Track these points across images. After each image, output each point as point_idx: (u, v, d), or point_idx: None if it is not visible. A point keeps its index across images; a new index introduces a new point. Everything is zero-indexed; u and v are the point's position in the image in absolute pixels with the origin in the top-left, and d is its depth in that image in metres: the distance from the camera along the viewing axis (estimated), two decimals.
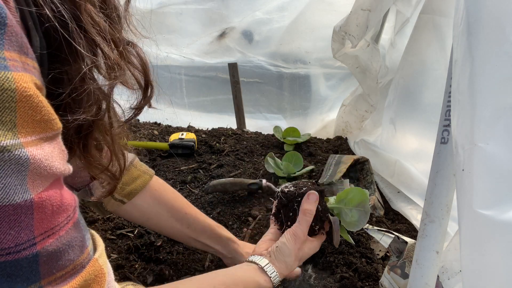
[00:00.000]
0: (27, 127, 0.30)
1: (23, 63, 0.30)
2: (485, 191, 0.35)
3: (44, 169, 0.31)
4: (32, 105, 0.30)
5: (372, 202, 1.01)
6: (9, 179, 0.29)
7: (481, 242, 0.36)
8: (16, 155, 0.29)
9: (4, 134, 0.28)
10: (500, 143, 0.34)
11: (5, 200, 0.29)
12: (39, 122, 0.31)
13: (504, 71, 0.34)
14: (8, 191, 0.29)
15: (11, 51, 0.29)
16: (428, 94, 1.02)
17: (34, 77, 0.31)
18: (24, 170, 0.30)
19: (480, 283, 0.37)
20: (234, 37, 1.56)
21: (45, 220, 0.32)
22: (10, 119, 0.28)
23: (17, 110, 0.29)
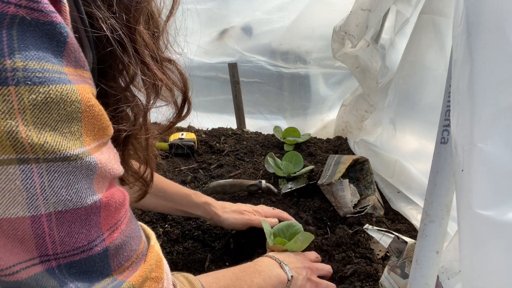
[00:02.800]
0: (90, 135, 0.32)
1: (81, 76, 0.32)
2: (484, 191, 0.35)
3: (108, 171, 0.34)
4: (94, 114, 0.32)
5: (372, 202, 1.01)
6: (80, 183, 0.31)
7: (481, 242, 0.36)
8: (87, 161, 0.31)
9: (74, 144, 0.30)
10: (500, 143, 0.34)
11: (79, 203, 0.32)
12: (99, 129, 0.33)
13: (504, 71, 0.34)
14: (81, 195, 0.32)
15: (70, 66, 0.31)
16: (428, 94, 1.02)
17: (91, 87, 0.33)
18: (92, 174, 0.32)
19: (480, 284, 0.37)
20: (234, 37, 1.56)
21: (110, 216, 0.35)
22: (77, 129, 0.31)
23: (82, 119, 0.31)
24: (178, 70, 0.48)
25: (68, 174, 0.30)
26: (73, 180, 0.31)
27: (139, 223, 0.44)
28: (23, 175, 0.28)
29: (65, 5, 0.30)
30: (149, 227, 1.02)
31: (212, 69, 1.63)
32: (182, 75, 0.48)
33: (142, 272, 0.39)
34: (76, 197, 0.31)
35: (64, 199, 0.30)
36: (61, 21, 0.29)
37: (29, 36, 0.27)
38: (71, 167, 0.30)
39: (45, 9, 0.28)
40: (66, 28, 0.29)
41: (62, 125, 0.30)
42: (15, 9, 0.26)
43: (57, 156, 0.29)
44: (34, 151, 0.28)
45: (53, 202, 0.30)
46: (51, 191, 0.30)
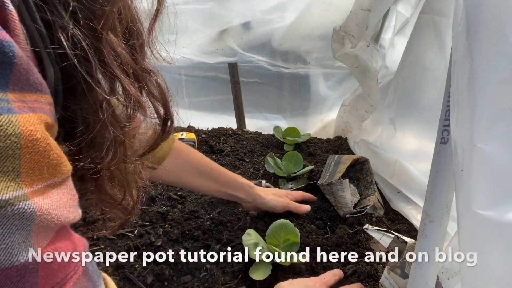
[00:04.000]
0: (32, 175, 0.26)
1: (33, 101, 0.27)
2: (484, 191, 0.35)
3: (51, 220, 0.28)
4: (39, 149, 0.26)
5: (372, 202, 1.01)
6: (12, 237, 0.25)
7: (480, 242, 0.36)
8: (20, 208, 0.25)
9: (6, 186, 0.25)
10: (500, 143, 0.34)
11: (8, 262, 0.25)
12: (47, 167, 0.27)
13: (503, 71, 0.34)
14: (11, 251, 0.25)
15: (17, 91, 0.26)
16: (428, 94, 1.02)
17: (45, 115, 0.28)
18: (29, 225, 0.26)
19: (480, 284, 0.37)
20: (234, 37, 1.56)
21: (51, 275, 0.29)
22: (13, 168, 0.25)
23: (21, 157, 0.25)
24: (157, 83, 0.41)
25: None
26: (2, 233, 0.25)
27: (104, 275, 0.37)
28: None
29: (11, 13, 0.25)
30: (149, 226, 1.02)
31: (212, 69, 1.63)
32: (162, 90, 0.42)
33: None
34: (4, 254, 0.25)
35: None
36: (5, 38, 0.24)
37: None
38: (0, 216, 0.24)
39: None
40: (13, 46, 0.24)
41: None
42: None
43: None
44: None
45: None
46: None
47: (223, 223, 0.99)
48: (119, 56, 0.35)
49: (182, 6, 1.47)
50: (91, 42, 0.32)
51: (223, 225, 0.99)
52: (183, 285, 0.81)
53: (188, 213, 1.03)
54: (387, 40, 1.37)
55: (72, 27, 0.30)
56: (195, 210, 1.04)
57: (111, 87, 0.35)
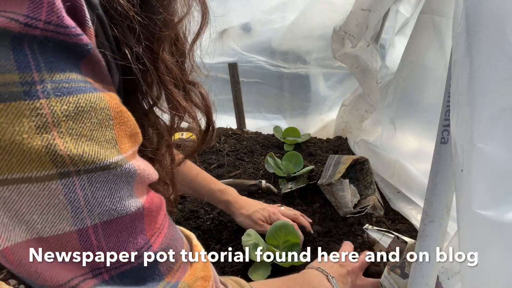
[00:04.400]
0: (124, 142, 0.32)
1: (105, 87, 0.31)
2: (484, 191, 0.35)
3: (146, 177, 0.34)
4: (124, 120, 0.32)
5: (372, 202, 1.01)
6: (122, 191, 0.31)
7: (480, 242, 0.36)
8: (127, 168, 0.31)
9: (112, 152, 0.30)
10: (499, 143, 0.34)
11: (123, 212, 0.31)
12: (131, 136, 0.33)
13: (503, 71, 0.34)
14: (124, 202, 0.31)
15: (93, 78, 0.30)
16: (428, 94, 1.02)
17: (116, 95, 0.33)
18: (132, 181, 0.32)
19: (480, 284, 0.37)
20: (234, 37, 1.56)
21: (153, 221, 0.35)
22: (112, 137, 0.30)
23: (114, 127, 0.30)
24: (201, 94, 0.47)
25: (110, 182, 0.30)
26: (115, 188, 0.30)
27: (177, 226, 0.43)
28: (65, 189, 0.28)
29: (90, 29, 0.29)
30: None
31: (212, 69, 1.63)
32: (205, 100, 0.47)
33: (193, 272, 0.39)
34: (120, 205, 0.31)
35: (108, 209, 0.30)
36: (87, 42, 0.28)
37: (50, 50, 0.26)
38: (111, 176, 0.30)
39: (71, 33, 0.27)
40: (90, 45, 0.29)
41: (97, 134, 0.29)
42: (41, 32, 0.26)
43: (97, 166, 0.29)
44: (74, 163, 0.27)
45: (98, 213, 0.29)
46: (95, 202, 0.29)
47: (223, 223, 0.99)
48: (170, 72, 0.39)
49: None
50: (149, 59, 0.37)
51: (223, 225, 0.99)
52: None
53: (188, 213, 1.03)
54: (387, 40, 1.37)
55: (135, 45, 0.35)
56: (195, 210, 1.04)
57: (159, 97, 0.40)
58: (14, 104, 0.25)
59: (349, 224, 0.97)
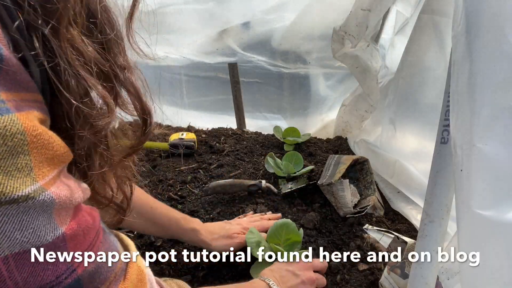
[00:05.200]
0: (43, 168, 0.28)
1: (23, 100, 0.28)
2: (483, 191, 0.35)
3: (68, 202, 0.31)
4: (43, 143, 0.28)
5: (372, 202, 1.01)
6: (36, 221, 0.28)
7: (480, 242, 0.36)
8: (41, 200, 0.28)
9: (24, 182, 0.27)
10: (499, 143, 0.34)
11: (38, 243, 0.28)
12: (53, 158, 0.29)
13: (502, 71, 0.34)
14: (39, 233, 0.28)
15: (7, 91, 0.27)
16: (428, 94, 1.02)
17: (37, 111, 0.29)
18: (49, 209, 0.29)
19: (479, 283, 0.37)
20: (234, 37, 1.56)
21: (79, 244, 0.32)
22: (25, 164, 0.27)
23: (30, 152, 0.27)
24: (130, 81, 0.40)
25: (21, 214, 0.27)
26: (28, 220, 0.27)
27: (115, 232, 0.40)
28: None
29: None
30: None
31: (212, 69, 1.63)
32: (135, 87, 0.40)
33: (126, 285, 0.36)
34: (33, 237, 0.28)
35: (20, 241, 0.27)
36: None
37: None
38: (22, 208, 0.27)
39: None
40: (2, 49, 0.26)
41: (5, 163, 0.26)
42: None
43: (3, 200, 0.26)
44: None
45: (7, 246, 0.27)
46: (2, 235, 0.26)
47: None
48: (82, 55, 0.33)
49: (182, 6, 1.47)
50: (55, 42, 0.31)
51: None
52: None
53: (188, 213, 1.03)
54: (387, 40, 1.37)
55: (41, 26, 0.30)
56: (195, 210, 1.04)
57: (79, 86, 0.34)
58: None
59: (349, 224, 0.97)
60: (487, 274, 0.37)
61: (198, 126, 1.66)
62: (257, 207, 1.04)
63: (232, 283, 0.81)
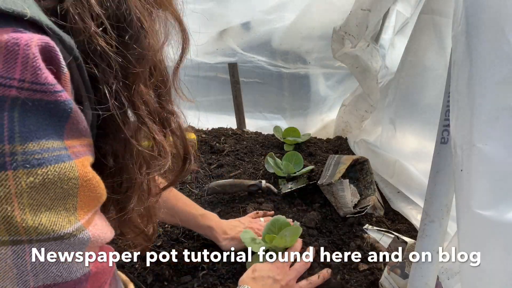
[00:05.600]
0: (85, 208, 0.32)
1: (81, 145, 0.32)
2: (483, 191, 0.35)
3: (100, 241, 0.34)
4: (90, 187, 0.32)
5: (372, 202, 1.01)
6: (71, 258, 0.31)
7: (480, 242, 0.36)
8: (81, 238, 0.31)
9: (69, 221, 0.30)
10: (499, 143, 0.34)
11: (68, 278, 0.31)
12: (93, 199, 0.33)
13: (502, 71, 0.34)
14: (71, 270, 0.31)
15: (71, 139, 0.30)
16: (428, 94, 1.02)
17: (90, 156, 0.33)
18: (84, 247, 0.32)
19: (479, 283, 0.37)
20: (234, 37, 1.56)
21: (96, 281, 0.35)
22: (72, 205, 0.30)
23: (78, 195, 0.31)
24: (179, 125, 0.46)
25: (61, 250, 0.30)
26: (64, 256, 0.31)
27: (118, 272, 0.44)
28: (14, 255, 0.28)
29: (65, 74, 0.29)
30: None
31: (212, 69, 1.63)
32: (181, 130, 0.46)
33: None
34: (66, 272, 0.31)
35: (54, 275, 0.30)
36: (66, 98, 0.28)
37: (31, 116, 0.27)
38: (64, 245, 0.30)
39: (49, 90, 0.27)
40: (71, 103, 0.29)
41: (57, 203, 0.29)
42: (17, 92, 0.26)
43: (50, 237, 0.29)
44: (27, 233, 0.28)
45: (42, 278, 0.30)
46: (41, 268, 0.29)
47: None
48: (146, 105, 0.39)
49: (181, 6, 1.47)
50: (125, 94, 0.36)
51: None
52: (183, 285, 0.81)
53: None
54: (387, 40, 1.37)
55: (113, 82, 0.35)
56: None
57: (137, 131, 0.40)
58: None
59: (349, 224, 0.97)
60: (487, 274, 0.37)
61: (198, 126, 1.66)
62: (260, 207, 1.04)
63: (232, 283, 0.81)
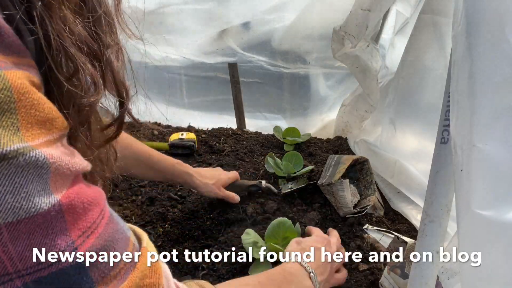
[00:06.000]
0: (31, 130, 0.27)
1: (14, 63, 0.27)
2: (483, 191, 0.35)
3: (66, 167, 0.29)
4: (33, 103, 0.27)
5: (372, 202, 1.01)
6: (30, 185, 0.26)
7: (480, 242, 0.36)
8: (32, 157, 0.26)
9: (11, 139, 0.25)
10: (499, 143, 0.34)
11: (32, 210, 0.26)
12: (45, 122, 0.28)
13: (503, 71, 0.34)
14: (32, 199, 0.26)
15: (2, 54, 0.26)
16: (428, 94, 1.02)
17: (29, 73, 0.28)
18: (45, 173, 0.27)
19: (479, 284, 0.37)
20: (234, 37, 1.56)
21: (79, 220, 0.30)
22: (12, 123, 0.26)
23: (17, 111, 0.26)
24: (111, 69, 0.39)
25: (13, 175, 0.25)
26: (21, 182, 0.26)
27: (128, 225, 0.39)
28: None
29: None
30: (149, 226, 1.02)
31: (212, 69, 1.63)
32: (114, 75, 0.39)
33: (132, 280, 0.34)
34: (27, 202, 0.26)
35: (12, 207, 0.25)
36: None
37: None
38: (13, 167, 0.25)
39: None
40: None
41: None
42: None
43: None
44: None
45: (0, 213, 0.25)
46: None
47: (223, 223, 0.99)
48: (73, 33, 0.33)
49: (182, 6, 1.47)
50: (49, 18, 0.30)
51: (223, 225, 0.99)
52: None
53: (188, 213, 1.03)
54: (387, 40, 1.37)
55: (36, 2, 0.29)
56: (195, 210, 1.04)
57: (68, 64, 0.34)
58: None
59: (349, 224, 0.97)
60: (487, 274, 0.37)
61: (198, 126, 1.66)
62: (263, 207, 1.04)
63: None
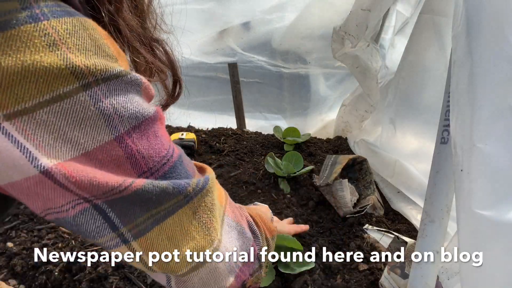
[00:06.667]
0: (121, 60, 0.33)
1: None
2: (483, 191, 0.35)
3: (149, 89, 0.35)
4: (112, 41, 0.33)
5: (371, 202, 1.01)
6: (137, 97, 0.33)
7: (480, 242, 0.36)
8: (133, 76, 0.32)
9: (115, 64, 0.31)
10: (499, 143, 0.34)
11: (145, 115, 0.33)
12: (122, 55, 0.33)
13: (503, 71, 0.34)
14: (143, 107, 0.33)
15: None
16: (428, 94, 1.02)
17: None
18: (140, 90, 0.34)
19: (479, 284, 0.37)
20: (234, 37, 1.56)
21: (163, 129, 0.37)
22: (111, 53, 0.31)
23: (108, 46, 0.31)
24: (165, 50, 0.47)
25: (125, 90, 0.32)
26: (131, 95, 0.32)
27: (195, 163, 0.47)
28: (92, 100, 0.29)
29: None
30: None
31: (212, 69, 1.63)
32: (169, 55, 0.48)
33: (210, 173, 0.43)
34: (140, 109, 0.32)
35: (133, 112, 0.32)
36: None
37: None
38: (124, 83, 0.31)
39: None
40: None
41: (98, 50, 0.30)
42: None
43: (110, 74, 0.30)
44: (91, 73, 0.29)
45: (127, 117, 0.31)
46: (120, 107, 0.31)
47: None
48: (133, 29, 0.40)
49: (182, 6, 1.47)
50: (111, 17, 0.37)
51: None
52: None
53: None
54: (387, 40, 1.37)
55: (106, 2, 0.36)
56: None
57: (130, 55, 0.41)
58: (23, 28, 0.27)
59: (349, 224, 0.97)
60: (487, 274, 0.37)
61: (198, 126, 1.66)
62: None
63: None
